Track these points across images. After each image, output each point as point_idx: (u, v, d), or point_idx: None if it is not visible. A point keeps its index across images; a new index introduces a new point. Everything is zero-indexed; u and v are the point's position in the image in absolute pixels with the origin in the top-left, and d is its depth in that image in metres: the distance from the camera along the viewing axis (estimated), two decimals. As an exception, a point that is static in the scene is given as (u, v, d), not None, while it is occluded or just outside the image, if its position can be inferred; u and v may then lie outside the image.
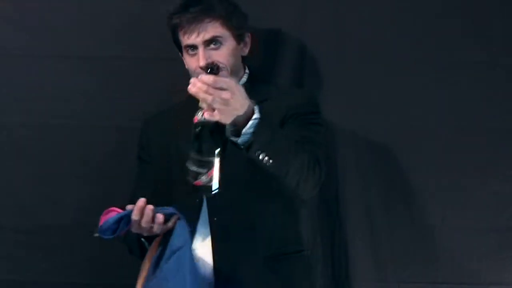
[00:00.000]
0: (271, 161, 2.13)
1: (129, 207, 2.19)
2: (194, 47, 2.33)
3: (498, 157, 2.73)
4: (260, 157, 2.12)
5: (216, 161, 2.08)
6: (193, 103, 2.08)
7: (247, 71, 2.46)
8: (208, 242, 2.31)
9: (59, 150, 2.78)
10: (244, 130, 2.09)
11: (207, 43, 2.32)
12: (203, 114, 2.05)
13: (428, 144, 2.74)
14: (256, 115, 2.10)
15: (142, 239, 2.30)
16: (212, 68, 2.09)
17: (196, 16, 2.30)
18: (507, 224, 2.72)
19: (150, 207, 2.17)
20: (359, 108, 2.76)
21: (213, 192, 2.11)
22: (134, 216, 2.17)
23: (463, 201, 2.73)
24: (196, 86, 2.01)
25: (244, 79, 2.44)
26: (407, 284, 2.75)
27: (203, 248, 2.30)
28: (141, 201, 2.17)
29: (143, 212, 2.17)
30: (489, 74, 2.72)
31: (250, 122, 2.09)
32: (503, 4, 2.73)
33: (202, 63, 2.28)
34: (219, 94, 2.00)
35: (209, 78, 2.02)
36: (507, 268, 2.73)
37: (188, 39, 2.33)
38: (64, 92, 2.76)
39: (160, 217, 2.18)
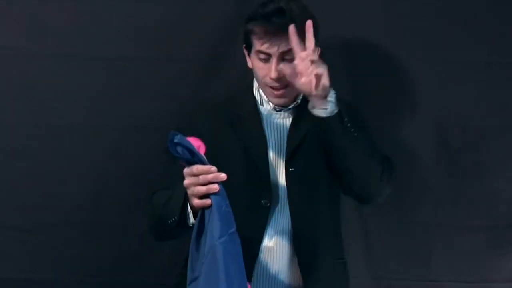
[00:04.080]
0: (355, 134, 2.20)
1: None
2: (268, 55, 2.28)
3: (489, 155, 2.74)
4: (349, 125, 2.18)
5: None
6: (246, 101, 2.35)
7: None
8: (282, 243, 2.31)
9: (60, 150, 2.76)
10: (328, 98, 2.16)
11: (282, 54, 2.26)
12: None
13: (419, 142, 2.75)
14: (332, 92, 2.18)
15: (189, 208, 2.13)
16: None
17: (277, 28, 2.23)
18: (497, 222, 2.75)
19: (220, 175, 2.06)
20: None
21: None
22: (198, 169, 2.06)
23: (454, 199, 2.75)
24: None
25: None
26: (399, 281, 2.78)
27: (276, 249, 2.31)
28: (215, 170, 2.05)
29: (209, 173, 2.05)
30: (487, 73, 2.74)
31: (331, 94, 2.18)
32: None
33: (273, 75, 2.26)
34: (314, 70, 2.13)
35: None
36: (496, 266, 2.76)
37: (263, 47, 2.27)
38: (65, 92, 2.74)
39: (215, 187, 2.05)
